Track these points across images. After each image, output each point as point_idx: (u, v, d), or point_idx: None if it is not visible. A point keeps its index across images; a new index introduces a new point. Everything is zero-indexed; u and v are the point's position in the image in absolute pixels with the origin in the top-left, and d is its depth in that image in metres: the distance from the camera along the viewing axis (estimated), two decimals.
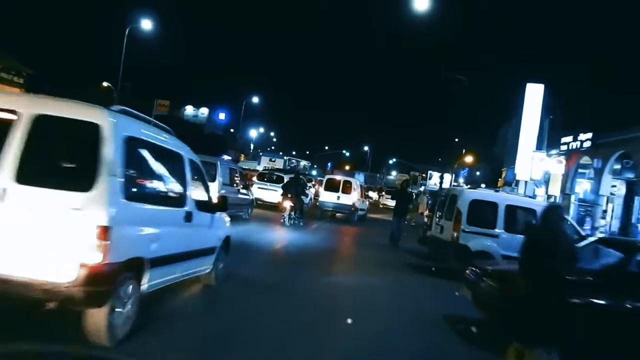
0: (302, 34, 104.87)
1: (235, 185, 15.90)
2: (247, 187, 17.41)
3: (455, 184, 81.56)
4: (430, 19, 21.14)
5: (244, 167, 29.28)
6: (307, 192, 24.01)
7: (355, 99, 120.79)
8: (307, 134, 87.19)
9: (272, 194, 22.97)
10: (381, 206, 43.06)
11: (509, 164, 36.58)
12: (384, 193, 47.02)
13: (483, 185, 69.69)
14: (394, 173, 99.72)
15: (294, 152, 59.14)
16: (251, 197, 17.97)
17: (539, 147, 24.15)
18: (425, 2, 15.36)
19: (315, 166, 61.25)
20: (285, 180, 20.56)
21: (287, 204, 17.59)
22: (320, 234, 17.63)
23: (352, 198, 22.67)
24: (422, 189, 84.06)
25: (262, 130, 74.27)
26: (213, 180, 13.94)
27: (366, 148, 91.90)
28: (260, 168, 31.61)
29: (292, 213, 17.74)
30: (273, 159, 34.48)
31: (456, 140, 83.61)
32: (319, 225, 20.67)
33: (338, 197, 22.65)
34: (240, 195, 16.23)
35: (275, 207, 22.01)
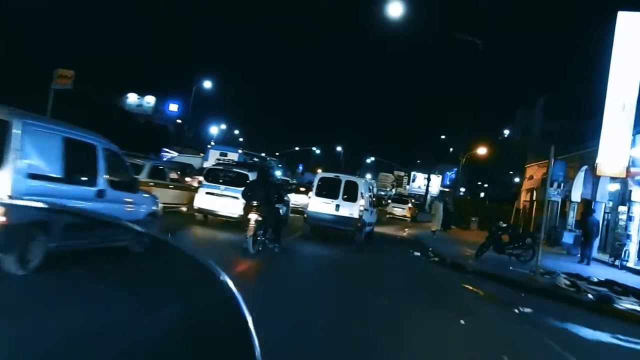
0: (268, 26, 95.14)
1: (91, 182, 6.48)
2: (132, 186, 8.03)
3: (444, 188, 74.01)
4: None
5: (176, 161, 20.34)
6: (285, 197, 16.19)
7: (327, 95, 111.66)
8: (276, 133, 77.72)
9: (230, 202, 14.51)
10: (388, 216, 34.79)
11: (539, 155, 28.06)
12: (390, 201, 39.31)
13: (462, 189, 61.22)
14: (368, 176, 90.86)
15: (263, 154, 50.57)
16: (148, 209, 8.48)
17: None
18: None
19: (280, 165, 52.60)
20: (251, 180, 13.36)
21: (253, 218, 10.87)
22: (296, 290, 8.66)
23: (358, 208, 15.45)
24: (396, 191, 76.10)
25: (223, 127, 65.36)
26: None
27: (339, 148, 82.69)
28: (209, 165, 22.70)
29: (262, 233, 11.15)
30: (225, 153, 25.91)
31: (442, 137, 76.14)
32: (301, 251, 13.44)
33: (337, 207, 15.49)
34: (109, 203, 6.89)
35: (238, 224, 13.62)
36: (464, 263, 13.50)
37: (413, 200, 42.20)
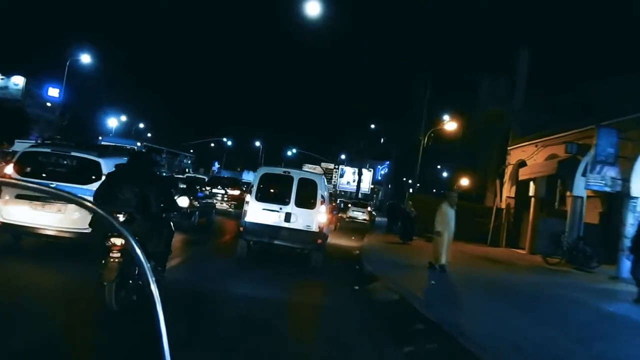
0: (175, 13, 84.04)
1: None
2: None
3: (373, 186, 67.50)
4: None
5: None
6: (175, 200, 9.54)
7: (240, 86, 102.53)
8: (189, 128, 68.12)
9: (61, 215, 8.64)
10: (347, 219, 31.04)
11: (531, 131, 21.56)
12: (350, 205, 36.27)
13: (389, 186, 54.82)
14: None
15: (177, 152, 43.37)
16: None
17: None
18: None
19: (190, 158, 45.04)
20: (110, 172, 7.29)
21: (117, 245, 5.43)
22: None
23: (317, 217, 11.19)
24: (333, 189, 69.74)
25: (124, 118, 55.98)
26: None
27: (257, 143, 74.68)
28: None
29: (135, 271, 5.44)
30: (122, 146, 19.80)
31: (372, 126, 69.97)
32: (215, 294, 7.55)
33: (288, 216, 11.22)
34: None
35: (84, 251, 7.33)
36: None
37: (371, 203, 41.19)
